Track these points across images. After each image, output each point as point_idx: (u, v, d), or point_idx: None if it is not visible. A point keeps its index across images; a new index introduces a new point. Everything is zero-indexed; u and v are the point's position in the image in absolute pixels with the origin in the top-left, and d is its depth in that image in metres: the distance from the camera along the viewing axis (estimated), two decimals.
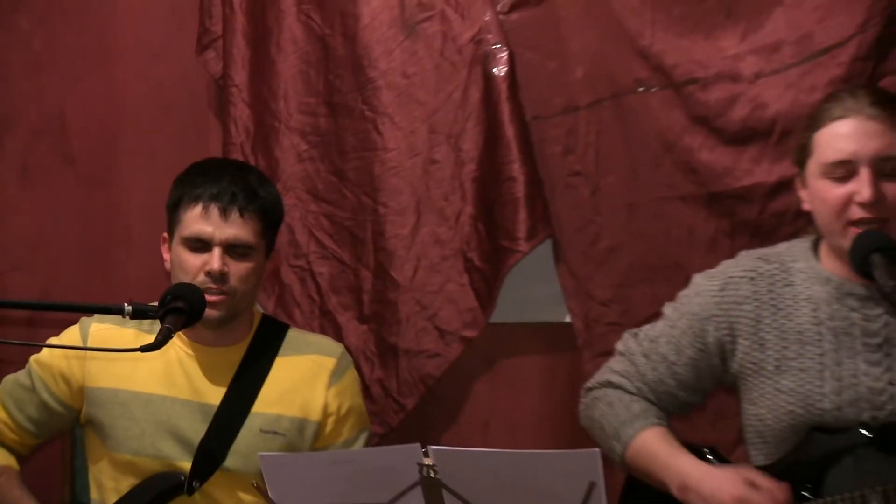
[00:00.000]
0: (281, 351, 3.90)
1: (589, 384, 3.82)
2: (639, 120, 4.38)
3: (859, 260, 3.30)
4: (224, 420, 3.78)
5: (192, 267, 3.71)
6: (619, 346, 3.81)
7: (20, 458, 3.93)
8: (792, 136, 4.12)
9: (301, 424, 3.84)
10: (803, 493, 3.42)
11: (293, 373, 3.88)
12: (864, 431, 3.38)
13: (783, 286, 3.55)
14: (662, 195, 4.39)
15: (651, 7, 4.36)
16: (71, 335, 3.90)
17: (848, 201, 3.35)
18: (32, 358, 3.91)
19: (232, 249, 3.71)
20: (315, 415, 3.85)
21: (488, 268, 4.47)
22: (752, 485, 3.39)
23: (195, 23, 4.70)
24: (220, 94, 4.71)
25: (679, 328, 3.66)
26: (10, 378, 3.93)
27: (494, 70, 4.44)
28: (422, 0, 4.52)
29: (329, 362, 3.90)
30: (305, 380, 3.87)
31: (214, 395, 3.81)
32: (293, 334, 3.97)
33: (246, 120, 4.63)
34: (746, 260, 3.66)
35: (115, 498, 3.83)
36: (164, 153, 4.74)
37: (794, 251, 3.62)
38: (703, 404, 3.93)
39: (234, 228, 3.71)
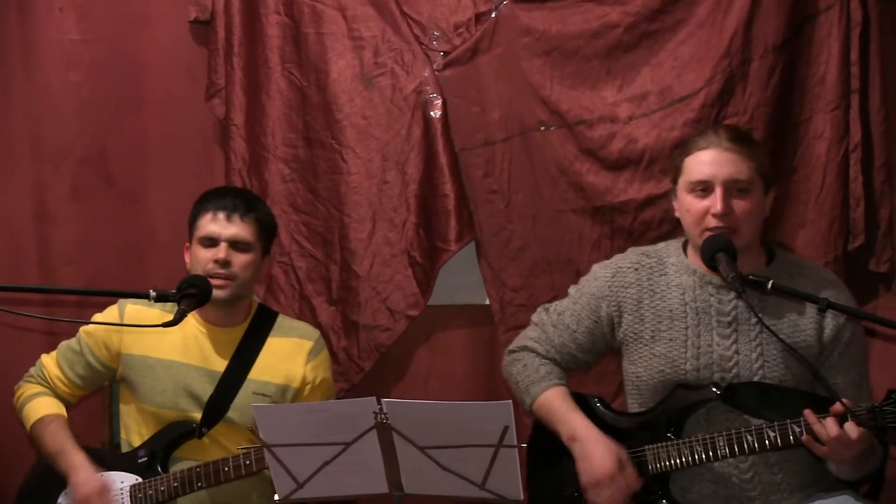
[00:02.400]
0: (272, 333, 3.87)
1: (511, 347, 3.80)
2: (541, 151, 4.33)
3: (708, 257, 3.31)
4: (227, 383, 3.77)
5: (204, 259, 3.71)
6: (535, 317, 3.77)
7: (69, 406, 3.89)
8: (657, 163, 4.26)
9: (284, 389, 3.80)
10: (668, 434, 3.44)
11: (280, 350, 3.85)
12: (714, 389, 3.40)
13: (659, 276, 3.55)
14: (559, 208, 4.33)
15: (550, 66, 4.30)
16: (111, 312, 3.88)
17: (706, 212, 3.38)
18: (82, 329, 3.90)
19: (235, 245, 3.72)
20: (295, 382, 3.82)
21: (427, 263, 4.40)
22: (622, 466, 3.38)
23: (204, 77, 4.59)
24: (223, 131, 4.59)
25: (580, 304, 3.65)
26: (64, 343, 3.94)
27: (431, 113, 4.37)
28: (377, 60, 4.42)
29: (308, 344, 3.88)
30: (289, 356, 3.84)
31: (219, 363, 3.78)
32: (281, 320, 3.93)
33: (243, 151, 4.52)
34: (632, 255, 3.65)
35: (139, 440, 3.81)
36: (181, 176, 4.65)
37: (669, 249, 3.61)
38: (597, 363, 3.89)
39: (235, 228, 3.73)
